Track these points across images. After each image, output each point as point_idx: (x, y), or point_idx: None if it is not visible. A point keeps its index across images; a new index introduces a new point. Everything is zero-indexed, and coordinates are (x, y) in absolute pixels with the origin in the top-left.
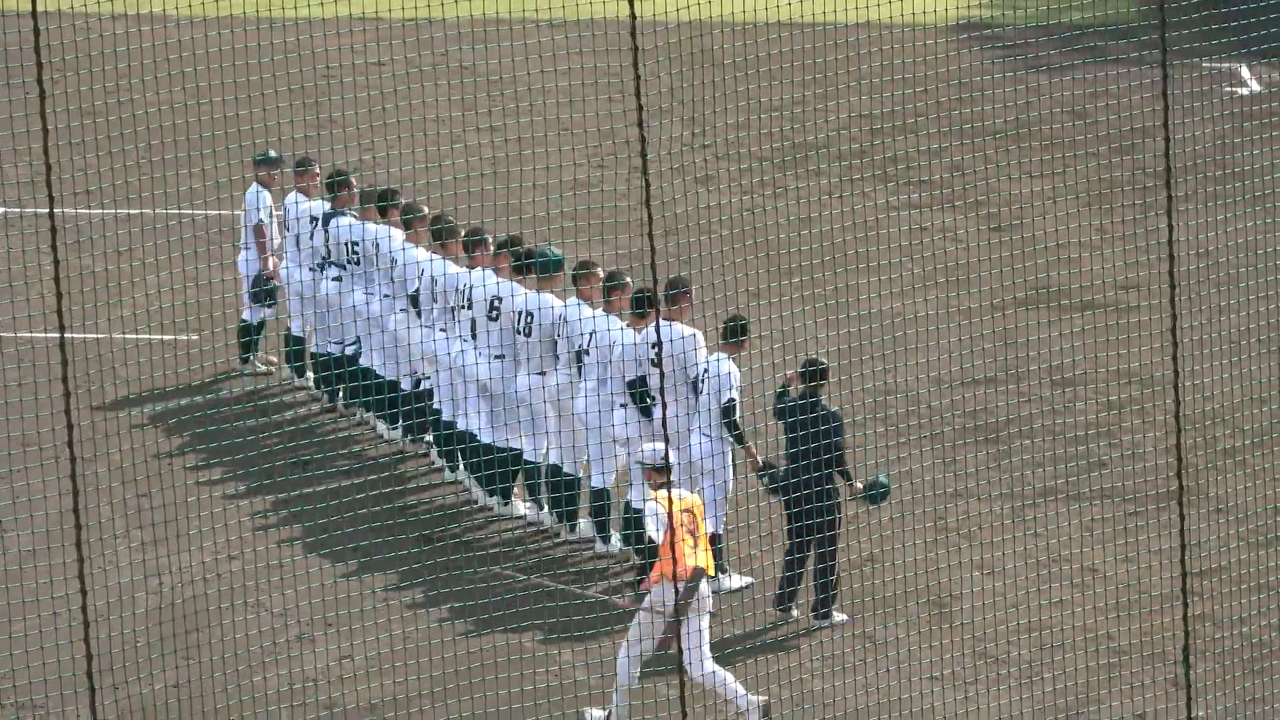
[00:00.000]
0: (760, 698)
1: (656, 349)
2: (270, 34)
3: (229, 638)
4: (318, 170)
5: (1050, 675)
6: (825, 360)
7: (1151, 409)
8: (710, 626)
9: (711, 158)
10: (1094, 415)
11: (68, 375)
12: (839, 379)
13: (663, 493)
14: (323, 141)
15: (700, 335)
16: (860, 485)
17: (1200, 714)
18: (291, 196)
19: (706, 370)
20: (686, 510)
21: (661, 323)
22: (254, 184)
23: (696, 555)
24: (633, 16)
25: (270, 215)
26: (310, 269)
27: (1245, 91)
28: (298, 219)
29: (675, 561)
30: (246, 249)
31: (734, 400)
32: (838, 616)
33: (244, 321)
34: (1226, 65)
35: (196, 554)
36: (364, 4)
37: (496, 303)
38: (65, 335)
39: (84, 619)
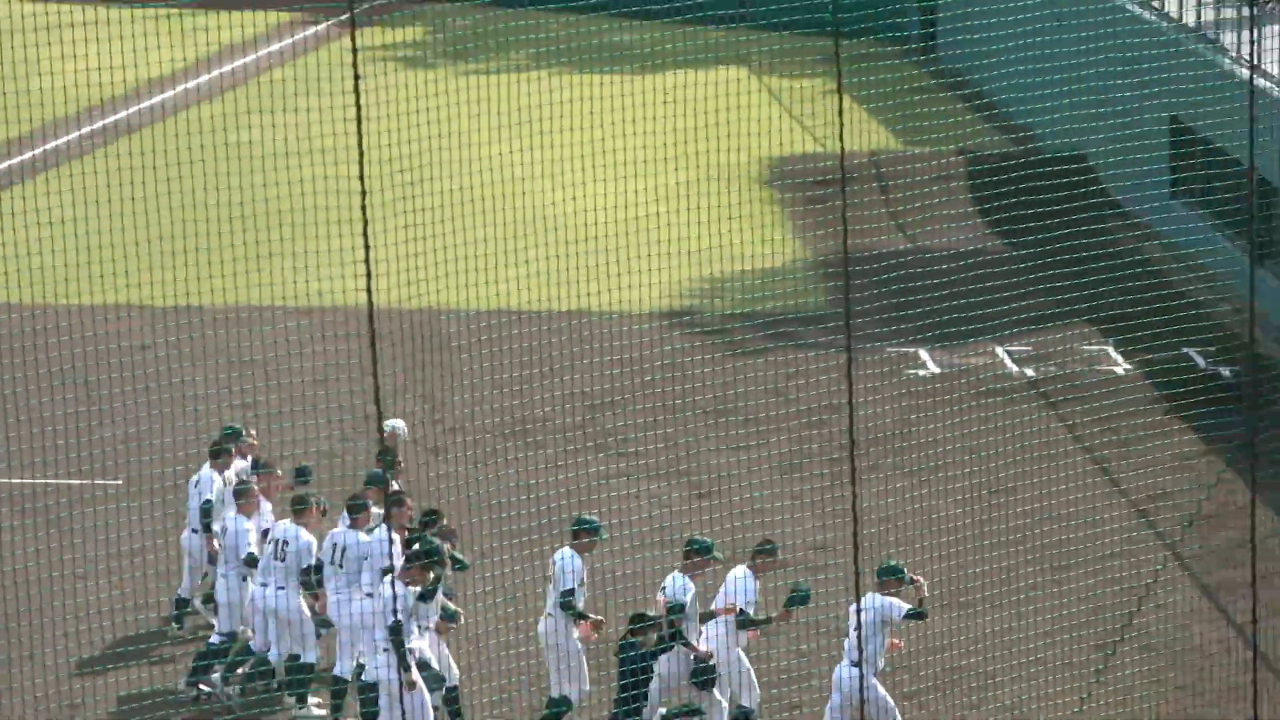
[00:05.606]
0: None
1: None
2: (47, 318)
3: None
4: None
5: None
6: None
7: (839, 656)
8: None
9: (443, 431)
10: (788, 661)
11: None
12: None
13: None
14: (86, 418)
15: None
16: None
17: None
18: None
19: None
20: None
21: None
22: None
23: None
24: (370, 304)
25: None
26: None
27: (925, 373)
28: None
29: None
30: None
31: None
32: None
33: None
34: (909, 349)
35: None
36: (134, 292)
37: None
38: None
39: None
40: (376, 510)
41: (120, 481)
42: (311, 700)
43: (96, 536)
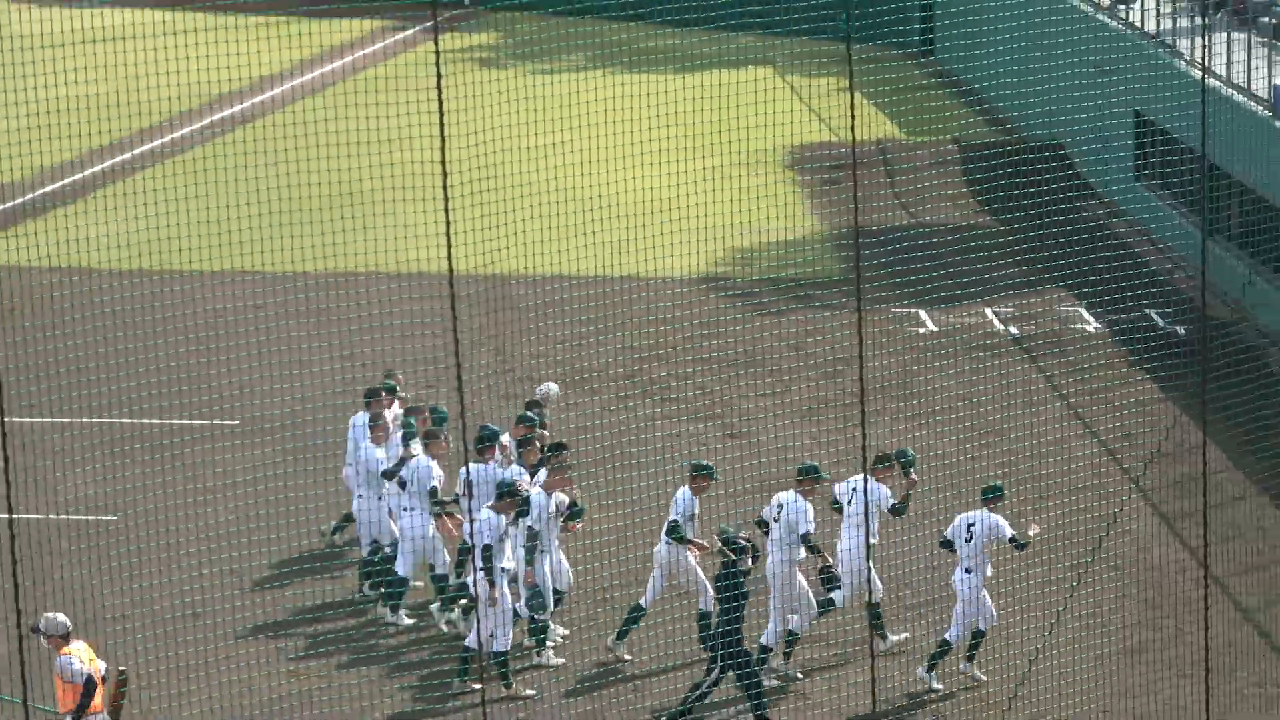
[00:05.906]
0: None
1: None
2: (174, 282)
3: None
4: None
5: None
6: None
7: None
8: None
9: (513, 380)
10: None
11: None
12: (615, 551)
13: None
14: (207, 367)
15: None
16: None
17: None
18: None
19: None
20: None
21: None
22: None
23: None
24: (450, 270)
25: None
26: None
27: (924, 330)
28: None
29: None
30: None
31: (809, 530)
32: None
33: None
34: (911, 310)
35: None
36: (249, 259)
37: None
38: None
39: None
40: (508, 443)
41: (237, 422)
42: (402, 610)
43: (215, 469)
